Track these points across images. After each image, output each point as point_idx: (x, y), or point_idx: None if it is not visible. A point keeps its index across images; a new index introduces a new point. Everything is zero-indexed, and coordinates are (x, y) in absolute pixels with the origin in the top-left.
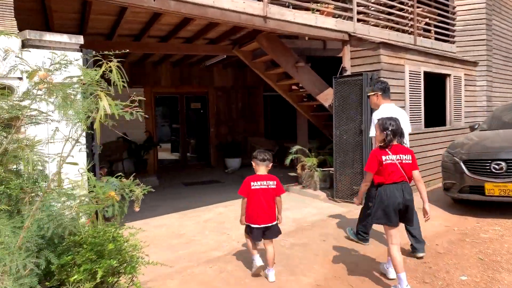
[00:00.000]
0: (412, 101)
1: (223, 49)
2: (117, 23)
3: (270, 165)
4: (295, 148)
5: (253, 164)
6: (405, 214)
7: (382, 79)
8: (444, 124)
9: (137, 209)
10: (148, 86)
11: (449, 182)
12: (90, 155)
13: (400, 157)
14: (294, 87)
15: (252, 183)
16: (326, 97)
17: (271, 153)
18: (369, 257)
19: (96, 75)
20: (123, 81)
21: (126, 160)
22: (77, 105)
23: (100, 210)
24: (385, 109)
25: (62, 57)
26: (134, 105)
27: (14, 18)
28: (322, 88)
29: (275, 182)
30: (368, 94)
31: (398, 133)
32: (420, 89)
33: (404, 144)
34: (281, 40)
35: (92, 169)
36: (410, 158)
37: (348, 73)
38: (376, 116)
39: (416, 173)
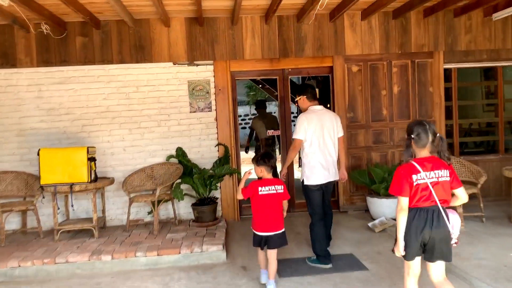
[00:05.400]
0: None
1: None
2: None
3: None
4: None
5: (257, 169)
6: (432, 249)
7: (307, 82)
8: None
9: None
10: (221, 60)
11: None
12: None
13: (435, 174)
14: None
15: (259, 188)
16: None
17: None
18: None
19: None
20: None
21: (179, 197)
22: None
23: None
24: (312, 111)
25: None
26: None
27: None
28: None
29: (282, 187)
30: (295, 99)
31: (423, 142)
32: None
33: (443, 157)
34: None
35: None
36: (448, 174)
37: None
38: (300, 117)
39: (459, 192)
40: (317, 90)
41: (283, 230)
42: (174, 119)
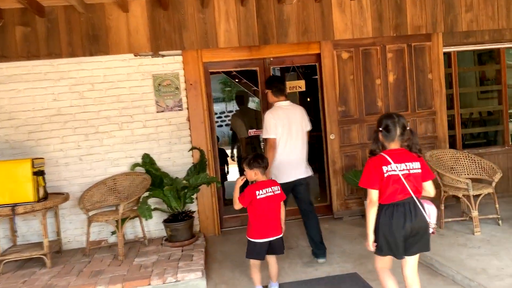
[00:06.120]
0: None
1: None
2: None
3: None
4: None
5: (250, 173)
6: (414, 242)
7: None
8: None
9: None
10: (191, 49)
11: None
12: None
13: (406, 165)
14: None
15: (257, 192)
16: None
17: None
18: None
19: None
20: None
21: (146, 215)
22: None
23: None
24: (278, 107)
25: None
26: None
27: None
28: None
29: (278, 187)
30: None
31: (391, 135)
32: None
33: (415, 150)
34: None
35: None
36: (419, 166)
37: None
38: (266, 114)
39: (427, 185)
40: (303, 81)
41: (282, 235)
42: (139, 121)
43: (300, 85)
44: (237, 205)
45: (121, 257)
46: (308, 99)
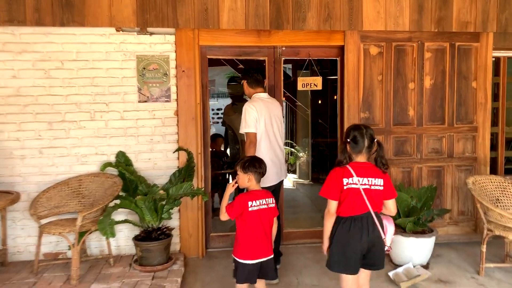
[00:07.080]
0: None
1: None
2: None
3: None
4: None
5: (243, 178)
6: (369, 257)
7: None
8: None
9: None
10: (187, 28)
11: None
12: None
13: (368, 181)
14: None
15: (250, 203)
16: None
17: None
18: None
19: None
20: None
21: (108, 232)
22: None
23: None
24: (259, 99)
25: None
26: None
27: None
28: None
29: (273, 200)
30: (241, 81)
31: (359, 147)
32: None
33: (379, 163)
34: None
35: None
36: (382, 183)
37: None
38: (247, 106)
39: (389, 204)
40: (320, 78)
41: (273, 256)
42: (115, 111)
43: (315, 82)
44: (224, 216)
45: (74, 281)
46: (320, 101)
